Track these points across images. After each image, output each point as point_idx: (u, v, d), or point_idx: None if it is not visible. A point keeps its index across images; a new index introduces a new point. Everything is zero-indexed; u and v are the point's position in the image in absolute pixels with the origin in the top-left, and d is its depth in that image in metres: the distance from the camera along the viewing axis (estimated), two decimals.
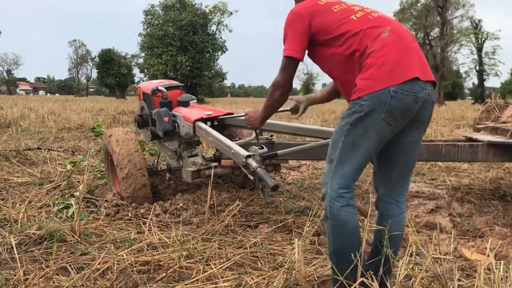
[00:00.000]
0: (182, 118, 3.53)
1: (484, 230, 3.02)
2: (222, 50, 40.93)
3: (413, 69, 1.70)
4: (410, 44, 1.78)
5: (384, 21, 1.82)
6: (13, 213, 3.02)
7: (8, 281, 2.08)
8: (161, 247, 2.54)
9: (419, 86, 1.70)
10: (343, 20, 1.82)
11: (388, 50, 1.71)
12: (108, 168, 3.82)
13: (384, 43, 1.72)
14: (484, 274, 1.74)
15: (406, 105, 1.68)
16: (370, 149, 1.73)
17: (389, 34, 1.75)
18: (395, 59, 1.69)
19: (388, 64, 1.68)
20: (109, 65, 55.24)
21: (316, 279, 2.14)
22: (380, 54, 1.70)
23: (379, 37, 1.74)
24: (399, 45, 1.73)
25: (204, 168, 3.37)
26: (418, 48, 1.81)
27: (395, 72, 1.67)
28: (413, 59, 1.73)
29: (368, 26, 1.78)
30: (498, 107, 4.23)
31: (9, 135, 7.20)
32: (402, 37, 1.77)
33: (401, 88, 1.66)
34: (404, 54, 1.72)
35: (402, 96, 1.66)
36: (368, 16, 1.84)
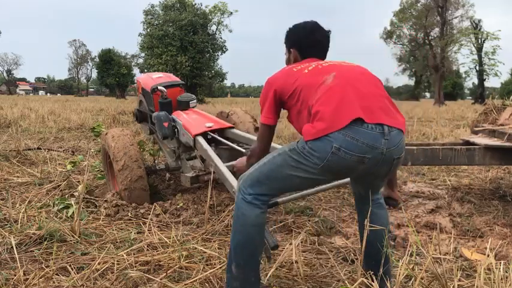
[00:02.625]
0: (182, 127, 3.47)
1: (484, 230, 3.02)
2: (222, 50, 40.92)
3: (353, 112, 1.61)
4: (359, 88, 1.70)
5: (332, 68, 1.79)
6: (13, 213, 3.02)
7: (8, 281, 2.08)
8: (161, 247, 2.54)
9: (370, 143, 1.59)
10: (297, 77, 1.83)
11: (327, 97, 1.66)
12: (107, 169, 3.81)
13: (324, 90, 1.69)
14: (484, 274, 1.74)
15: (345, 165, 1.62)
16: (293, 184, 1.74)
17: (333, 80, 1.72)
18: (335, 105, 1.63)
19: (328, 109, 1.63)
20: (109, 65, 55.22)
21: (316, 279, 2.14)
22: (321, 102, 1.66)
23: (322, 85, 1.72)
24: (343, 90, 1.67)
25: (203, 173, 3.34)
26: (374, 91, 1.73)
27: (334, 117, 1.61)
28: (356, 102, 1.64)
29: (315, 76, 1.78)
30: (496, 109, 4.23)
31: (9, 135, 7.20)
32: (348, 82, 1.71)
33: (346, 145, 1.58)
34: (345, 100, 1.64)
35: (345, 155, 1.59)
36: (318, 67, 1.83)
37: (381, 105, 1.69)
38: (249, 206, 1.76)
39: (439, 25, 42.46)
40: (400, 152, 1.69)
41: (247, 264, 1.78)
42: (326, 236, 2.86)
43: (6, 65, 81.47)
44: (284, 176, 1.72)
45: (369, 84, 1.75)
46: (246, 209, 1.76)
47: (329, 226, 3.01)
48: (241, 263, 1.78)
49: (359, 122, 1.60)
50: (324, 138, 1.60)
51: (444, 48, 40.99)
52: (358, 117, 1.59)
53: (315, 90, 1.72)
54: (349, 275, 2.18)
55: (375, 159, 1.62)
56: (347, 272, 2.24)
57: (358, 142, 1.58)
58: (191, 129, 3.35)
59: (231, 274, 1.80)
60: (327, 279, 2.15)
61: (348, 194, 3.97)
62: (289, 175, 1.71)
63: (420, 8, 44.27)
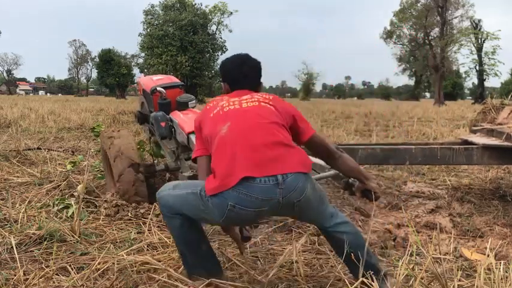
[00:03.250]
0: (178, 126, 3.46)
1: (484, 230, 3.02)
2: (222, 50, 40.92)
3: (242, 169, 1.64)
4: (251, 139, 1.72)
5: (229, 116, 1.82)
6: (13, 213, 3.02)
7: (8, 281, 2.08)
8: (161, 247, 2.54)
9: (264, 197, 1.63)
10: (206, 118, 1.92)
11: (219, 153, 1.73)
12: (107, 169, 3.81)
13: (217, 143, 1.76)
14: (484, 274, 1.74)
15: (245, 218, 1.70)
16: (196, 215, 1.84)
17: (226, 131, 1.76)
18: (226, 163, 1.68)
19: (221, 164, 1.69)
20: (109, 65, 55.20)
21: (316, 279, 2.14)
22: (214, 157, 1.74)
23: (217, 136, 1.77)
24: (233, 144, 1.71)
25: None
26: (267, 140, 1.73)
27: (225, 174, 1.66)
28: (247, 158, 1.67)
29: (215, 124, 1.84)
30: (494, 108, 4.23)
31: (9, 135, 7.20)
32: (240, 133, 1.74)
33: (240, 202, 1.63)
34: (237, 154, 1.68)
35: (241, 211, 1.65)
36: (219, 112, 1.87)
37: (274, 154, 1.70)
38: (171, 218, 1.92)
39: (439, 25, 42.46)
40: (299, 194, 1.70)
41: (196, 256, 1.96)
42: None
43: (6, 65, 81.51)
44: (199, 214, 1.83)
45: (263, 133, 1.75)
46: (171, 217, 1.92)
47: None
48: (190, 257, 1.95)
49: (250, 178, 1.63)
50: (219, 195, 1.66)
51: (444, 48, 40.99)
52: (248, 176, 1.63)
53: (211, 142, 1.81)
54: (349, 275, 2.17)
55: (272, 207, 1.68)
56: (347, 272, 2.24)
57: (251, 198, 1.63)
58: (185, 127, 3.34)
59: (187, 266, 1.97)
60: (327, 279, 2.15)
61: (348, 194, 3.96)
62: (202, 216, 1.83)
63: (420, 8, 44.28)
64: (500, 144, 3.22)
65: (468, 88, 76.58)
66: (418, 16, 44.40)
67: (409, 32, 47.77)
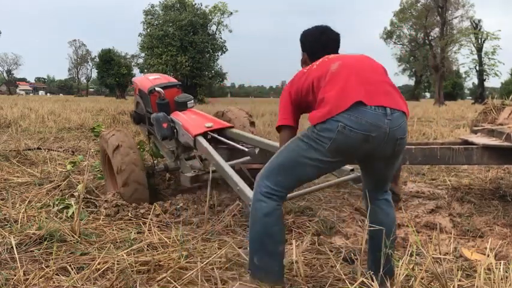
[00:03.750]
0: (182, 127, 3.47)
1: (484, 230, 3.02)
2: (222, 50, 40.94)
3: (355, 95, 1.71)
4: (362, 74, 1.80)
5: (337, 58, 1.91)
6: (13, 213, 3.02)
7: (8, 281, 2.08)
8: (161, 247, 2.54)
9: (374, 122, 1.69)
10: (307, 74, 1.94)
11: (332, 83, 1.78)
12: (106, 169, 3.80)
13: (329, 78, 1.80)
14: (484, 274, 1.74)
15: (353, 143, 1.71)
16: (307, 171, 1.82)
17: (337, 68, 1.82)
18: (340, 87, 1.74)
19: (333, 93, 1.74)
20: (109, 65, 55.21)
21: (316, 279, 2.14)
22: (326, 88, 1.78)
23: (328, 73, 1.82)
24: (346, 76, 1.78)
25: (203, 173, 3.34)
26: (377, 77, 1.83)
27: (339, 99, 1.72)
28: (358, 87, 1.74)
29: (322, 67, 1.89)
30: (495, 108, 4.24)
31: (9, 135, 7.20)
32: (352, 69, 1.81)
33: (351, 123, 1.68)
34: (348, 85, 1.75)
35: (350, 133, 1.69)
36: (325, 59, 1.94)
37: (384, 89, 1.79)
38: (265, 198, 1.84)
39: (439, 25, 42.47)
40: (403, 132, 1.77)
41: (269, 254, 1.84)
42: (326, 236, 2.86)
43: (6, 65, 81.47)
44: (298, 162, 1.81)
45: (373, 72, 1.86)
46: (263, 200, 1.84)
47: (329, 226, 3.01)
48: (262, 254, 1.84)
49: (362, 104, 1.70)
50: (329, 120, 1.71)
51: (444, 48, 40.99)
52: (360, 100, 1.70)
53: (321, 79, 1.83)
54: (349, 275, 2.18)
55: (379, 137, 1.71)
56: (347, 272, 2.24)
57: (362, 121, 1.69)
58: (191, 129, 3.35)
59: (253, 265, 1.86)
60: (327, 279, 2.15)
61: (348, 194, 3.97)
62: (302, 161, 1.80)
63: (420, 8, 44.30)
64: (500, 145, 3.22)
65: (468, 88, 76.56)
66: (418, 16, 44.42)
67: (409, 32, 47.83)
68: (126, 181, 3.28)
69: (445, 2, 40.88)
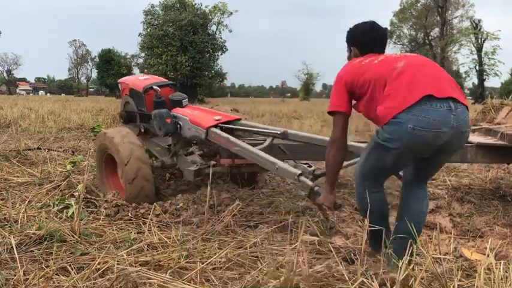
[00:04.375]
0: (189, 122, 3.53)
1: (484, 230, 3.02)
2: (222, 50, 40.93)
3: (423, 89, 1.82)
4: (427, 72, 1.93)
5: (401, 58, 2.05)
6: (13, 213, 3.02)
7: (8, 281, 2.08)
8: (161, 247, 2.54)
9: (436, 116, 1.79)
10: (367, 68, 2.06)
11: (399, 80, 1.89)
12: (102, 169, 3.78)
13: (396, 75, 1.92)
14: (484, 274, 1.74)
15: (424, 141, 1.83)
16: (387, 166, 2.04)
17: (403, 66, 1.94)
18: (407, 84, 1.86)
19: (401, 91, 1.85)
20: (109, 65, 55.22)
21: (316, 279, 2.14)
22: (393, 85, 1.89)
23: (393, 71, 1.94)
24: (414, 72, 1.91)
25: (205, 166, 3.40)
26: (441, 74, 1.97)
27: (407, 96, 1.83)
28: (429, 81, 1.87)
29: (386, 65, 2.01)
30: (494, 108, 4.25)
31: (9, 135, 7.20)
32: (417, 67, 1.95)
33: (418, 123, 1.78)
34: (417, 78, 1.88)
35: (420, 133, 1.79)
36: (388, 57, 2.09)
37: (450, 85, 1.92)
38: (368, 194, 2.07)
39: (439, 25, 42.51)
40: (467, 126, 1.91)
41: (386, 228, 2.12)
42: (326, 236, 2.86)
43: (6, 65, 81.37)
44: (383, 166, 2.05)
45: (436, 70, 2.00)
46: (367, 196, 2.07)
47: (329, 226, 3.01)
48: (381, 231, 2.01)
49: (428, 101, 1.80)
50: (396, 122, 1.82)
51: (444, 48, 41.03)
52: (429, 94, 1.80)
53: (387, 76, 1.93)
54: (349, 275, 2.17)
55: (448, 133, 1.83)
56: (347, 272, 2.23)
57: (429, 120, 1.79)
58: (201, 122, 3.43)
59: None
60: (327, 279, 2.15)
61: (348, 194, 3.97)
62: (386, 164, 2.02)
63: (420, 8, 44.32)
64: (492, 143, 3.25)
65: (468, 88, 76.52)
66: (418, 16, 44.43)
67: (409, 32, 47.81)
68: (134, 177, 3.28)
69: (445, 2, 40.92)
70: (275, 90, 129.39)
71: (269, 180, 4.50)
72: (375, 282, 1.59)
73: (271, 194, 3.86)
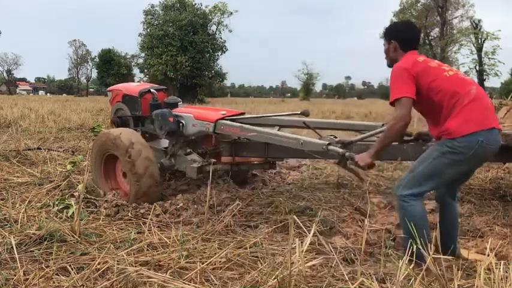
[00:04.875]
0: (193, 118, 3.62)
1: (484, 230, 3.02)
2: (222, 50, 40.92)
3: (493, 121, 2.28)
4: (487, 100, 2.36)
5: (471, 82, 2.37)
6: (13, 213, 3.02)
7: (8, 281, 2.08)
8: (161, 247, 2.54)
9: (496, 139, 2.27)
10: (436, 75, 2.34)
11: (475, 104, 2.24)
12: (100, 169, 3.76)
13: (471, 98, 2.26)
14: (484, 274, 1.74)
15: (486, 154, 2.28)
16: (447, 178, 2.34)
17: (476, 92, 2.28)
18: (481, 111, 2.26)
19: (476, 113, 2.23)
20: (109, 65, 55.21)
21: (316, 279, 2.14)
22: (470, 106, 2.23)
23: (468, 93, 2.27)
24: (483, 101, 2.30)
25: (206, 164, 3.51)
26: (491, 104, 2.43)
27: (482, 120, 2.23)
28: (491, 112, 2.33)
29: (459, 84, 2.31)
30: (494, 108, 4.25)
31: (9, 135, 7.19)
32: (483, 95, 2.33)
33: (487, 139, 2.21)
34: (486, 108, 2.29)
35: (487, 146, 2.22)
36: (458, 75, 2.39)
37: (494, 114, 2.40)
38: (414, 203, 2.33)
39: (439, 25, 42.47)
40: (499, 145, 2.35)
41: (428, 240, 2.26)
42: (326, 236, 2.86)
43: (6, 65, 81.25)
44: (443, 174, 2.30)
45: (488, 98, 2.40)
46: (413, 206, 2.32)
47: (329, 226, 3.01)
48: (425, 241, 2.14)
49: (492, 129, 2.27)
50: (472, 134, 2.20)
51: (444, 48, 40.99)
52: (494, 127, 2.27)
53: (463, 95, 2.26)
54: (349, 275, 2.17)
55: (496, 149, 2.31)
56: (347, 272, 2.24)
57: (493, 139, 2.26)
58: (209, 117, 3.54)
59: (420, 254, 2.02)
60: (327, 279, 2.15)
61: (348, 194, 3.97)
62: (446, 172, 2.30)
63: (420, 8, 44.27)
64: None
65: None
66: (418, 16, 44.34)
67: None
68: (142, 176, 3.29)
69: (445, 2, 40.89)
70: (275, 90, 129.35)
71: (269, 180, 4.50)
72: (375, 283, 1.59)
73: (271, 194, 3.86)
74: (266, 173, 4.62)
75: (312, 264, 2.27)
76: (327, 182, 4.47)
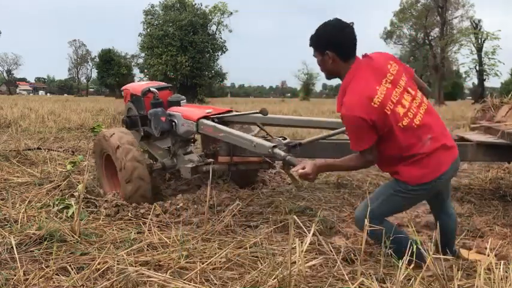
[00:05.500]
0: (182, 117, 3.60)
1: (484, 230, 3.02)
2: (222, 50, 40.91)
3: (449, 158, 2.16)
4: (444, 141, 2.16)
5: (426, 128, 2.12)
6: (13, 213, 3.02)
7: (8, 281, 2.08)
8: (161, 247, 2.54)
9: (454, 168, 2.21)
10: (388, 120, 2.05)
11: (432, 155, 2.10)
12: (102, 169, 3.78)
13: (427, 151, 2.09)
14: (484, 274, 1.74)
15: (443, 186, 2.25)
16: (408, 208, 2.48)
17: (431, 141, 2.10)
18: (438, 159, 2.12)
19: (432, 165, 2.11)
20: (109, 65, 55.25)
21: (316, 279, 2.14)
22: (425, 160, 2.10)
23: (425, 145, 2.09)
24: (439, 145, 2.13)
25: (202, 164, 3.49)
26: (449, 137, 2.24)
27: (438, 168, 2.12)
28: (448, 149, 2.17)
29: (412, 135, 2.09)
30: (494, 106, 4.25)
31: (9, 135, 7.19)
32: (440, 137, 2.15)
33: (445, 175, 2.14)
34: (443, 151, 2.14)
35: (441, 182, 2.17)
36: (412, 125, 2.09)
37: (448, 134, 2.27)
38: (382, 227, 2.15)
39: (439, 25, 42.47)
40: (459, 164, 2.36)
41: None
42: (326, 236, 2.86)
43: (6, 65, 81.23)
44: (399, 206, 2.34)
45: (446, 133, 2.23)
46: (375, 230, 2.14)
47: (329, 226, 3.01)
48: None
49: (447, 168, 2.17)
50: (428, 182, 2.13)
51: (444, 48, 41.00)
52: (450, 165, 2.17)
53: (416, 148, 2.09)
54: (349, 275, 2.17)
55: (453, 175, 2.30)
56: (347, 272, 2.24)
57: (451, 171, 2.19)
58: (192, 115, 3.51)
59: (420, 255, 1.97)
60: (327, 279, 2.15)
61: (348, 194, 3.97)
62: (402, 205, 2.34)
63: (420, 8, 44.28)
64: (493, 141, 3.25)
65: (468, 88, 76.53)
66: (418, 16, 44.39)
67: (409, 32, 47.78)
68: (130, 178, 3.28)
69: (445, 2, 40.89)
70: (275, 90, 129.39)
71: (269, 180, 4.50)
72: (375, 282, 1.59)
73: (271, 194, 3.86)
74: (266, 173, 4.62)
75: (312, 264, 2.27)
76: (327, 182, 4.46)
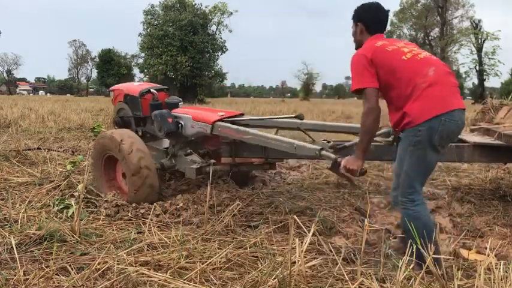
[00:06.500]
0: (192, 119, 3.60)
1: (484, 230, 3.02)
2: (222, 50, 40.94)
3: (455, 101, 2.22)
4: (450, 80, 2.27)
5: (429, 62, 2.28)
6: (13, 213, 3.02)
7: (8, 281, 2.08)
8: (161, 247, 2.54)
9: (459, 115, 2.22)
10: (393, 58, 2.27)
11: (434, 88, 2.18)
12: (101, 169, 3.76)
13: (429, 82, 2.18)
14: (484, 274, 1.74)
15: (451, 130, 2.22)
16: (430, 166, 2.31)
17: (434, 74, 2.21)
18: (440, 95, 2.18)
19: (436, 97, 2.17)
20: (109, 65, 55.25)
21: (316, 279, 2.14)
22: (428, 91, 2.17)
23: (427, 76, 2.20)
24: (443, 83, 2.22)
25: (205, 165, 3.50)
26: (456, 82, 2.31)
27: (442, 103, 2.17)
28: (454, 93, 2.25)
29: (416, 65, 2.25)
30: (493, 108, 4.26)
31: (9, 135, 7.19)
32: (444, 75, 2.25)
33: (450, 117, 2.17)
34: (446, 91, 2.22)
35: (450, 123, 2.18)
36: (416, 57, 2.28)
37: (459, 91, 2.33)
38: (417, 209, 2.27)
39: (439, 25, 42.53)
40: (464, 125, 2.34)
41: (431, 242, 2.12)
42: (326, 236, 2.86)
43: (6, 65, 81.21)
44: (424, 164, 2.27)
45: (452, 76, 2.32)
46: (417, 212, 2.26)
47: (329, 226, 3.01)
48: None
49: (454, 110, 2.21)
50: (433, 118, 2.15)
51: (444, 48, 41.04)
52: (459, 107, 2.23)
53: (420, 78, 2.19)
54: (349, 275, 2.17)
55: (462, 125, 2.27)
56: (347, 272, 2.24)
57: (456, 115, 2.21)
58: (207, 118, 3.51)
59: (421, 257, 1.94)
60: (327, 279, 2.15)
61: (348, 194, 3.97)
62: (427, 161, 2.26)
63: (420, 8, 44.34)
64: (489, 143, 3.26)
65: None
66: (418, 16, 44.44)
67: (409, 32, 47.81)
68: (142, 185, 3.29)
69: (445, 2, 40.94)
70: (275, 90, 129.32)
71: (269, 180, 4.50)
72: (375, 282, 1.59)
73: (271, 194, 3.86)
74: (266, 173, 4.62)
75: (312, 264, 2.27)
76: (327, 182, 4.47)
